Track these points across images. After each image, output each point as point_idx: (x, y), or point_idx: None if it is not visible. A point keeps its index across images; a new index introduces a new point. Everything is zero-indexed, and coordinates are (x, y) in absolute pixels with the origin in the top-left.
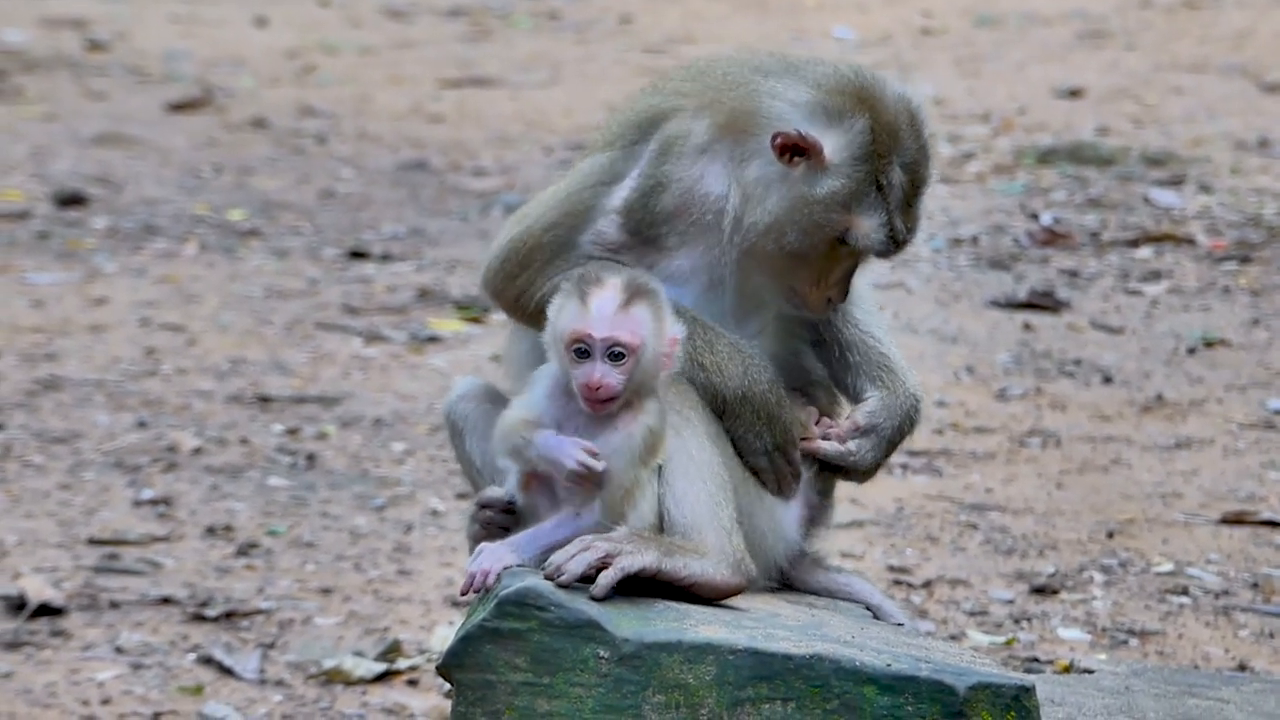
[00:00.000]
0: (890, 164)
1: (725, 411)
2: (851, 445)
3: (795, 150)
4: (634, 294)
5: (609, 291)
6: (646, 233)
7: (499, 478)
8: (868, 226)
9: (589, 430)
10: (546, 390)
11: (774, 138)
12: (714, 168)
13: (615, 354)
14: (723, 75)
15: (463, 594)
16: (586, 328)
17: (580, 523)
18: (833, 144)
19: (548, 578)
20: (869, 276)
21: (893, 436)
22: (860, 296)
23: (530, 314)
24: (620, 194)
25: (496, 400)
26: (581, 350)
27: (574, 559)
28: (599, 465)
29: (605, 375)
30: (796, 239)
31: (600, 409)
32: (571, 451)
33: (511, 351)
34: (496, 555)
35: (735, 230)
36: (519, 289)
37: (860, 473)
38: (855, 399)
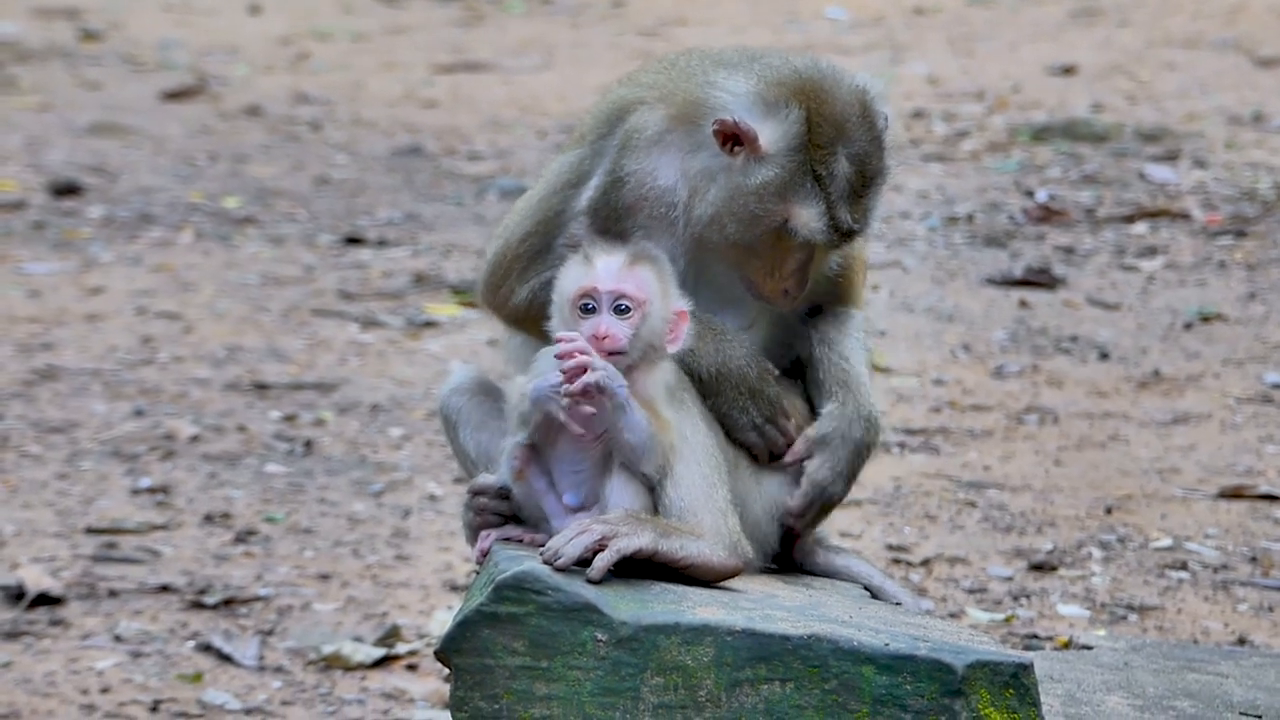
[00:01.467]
0: (831, 154)
1: (705, 390)
2: (807, 461)
3: (735, 140)
4: (639, 256)
5: (615, 253)
6: (613, 229)
7: (494, 467)
8: (806, 216)
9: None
10: (551, 365)
11: (714, 127)
12: (665, 159)
13: (621, 308)
14: (684, 67)
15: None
16: (592, 282)
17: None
18: (769, 134)
19: (545, 562)
20: (860, 311)
21: (847, 451)
22: (841, 317)
23: (519, 319)
24: (586, 194)
25: (490, 392)
26: (588, 306)
27: (570, 542)
28: (599, 367)
29: (611, 326)
30: (737, 230)
31: (614, 360)
32: (560, 369)
33: (510, 341)
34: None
35: (685, 223)
36: (503, 298)
37: (827, 493)
38: (816, 415)
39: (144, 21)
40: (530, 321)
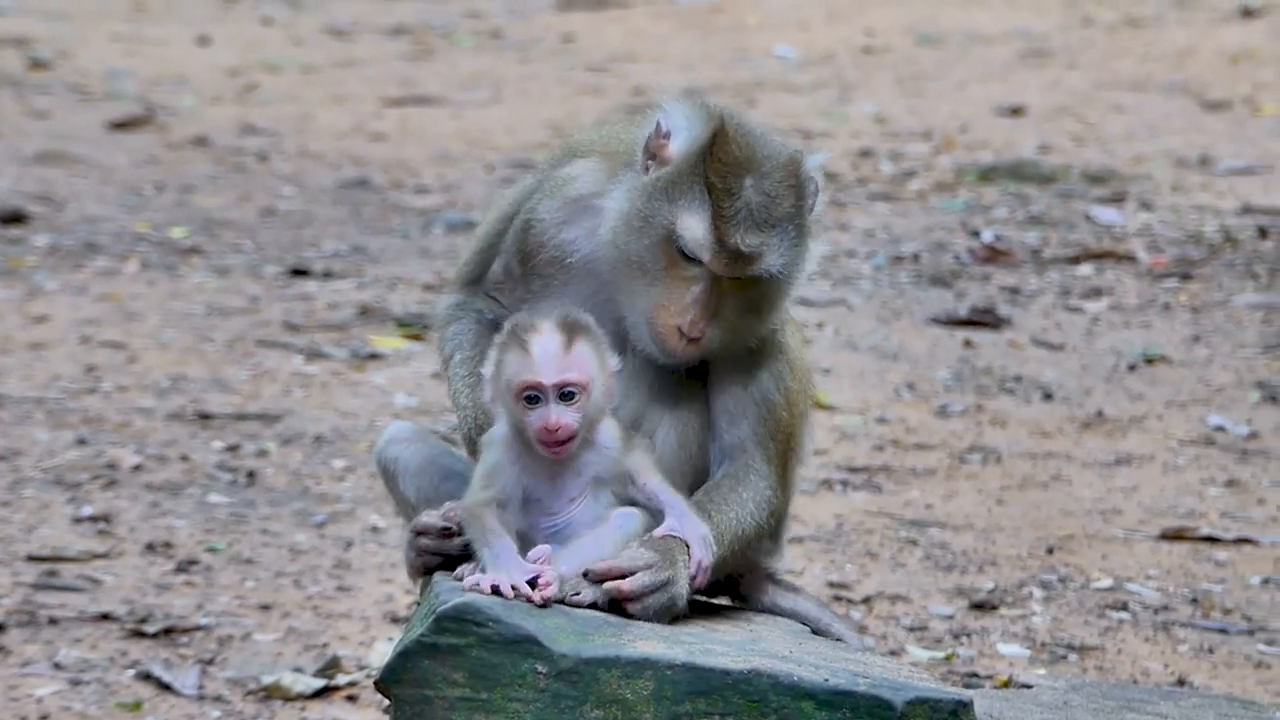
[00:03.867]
0: (731, 172)
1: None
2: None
3: (653, 156)
4: (572, 332)
5: (548, 335)
6: (530, 271)
7: (436, 507)
8: (690, 223)
9: (554, 478)
10: (501, 454)
11: (647, 137)
12: (581, 213)
13: (567, 394)
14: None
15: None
16: (535, 376)
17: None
18: (678, 141)
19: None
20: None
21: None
22: (740, 475)
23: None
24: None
25: (426, 439)
26: (532, 397)
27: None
28: (536, 597)
29: (561, 416)
30: (629, 241)
31: (560, 450)
32: (510, 577)
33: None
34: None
35: (592, 264)
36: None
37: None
38: None
39: (92, 51)
40: (439, 343)
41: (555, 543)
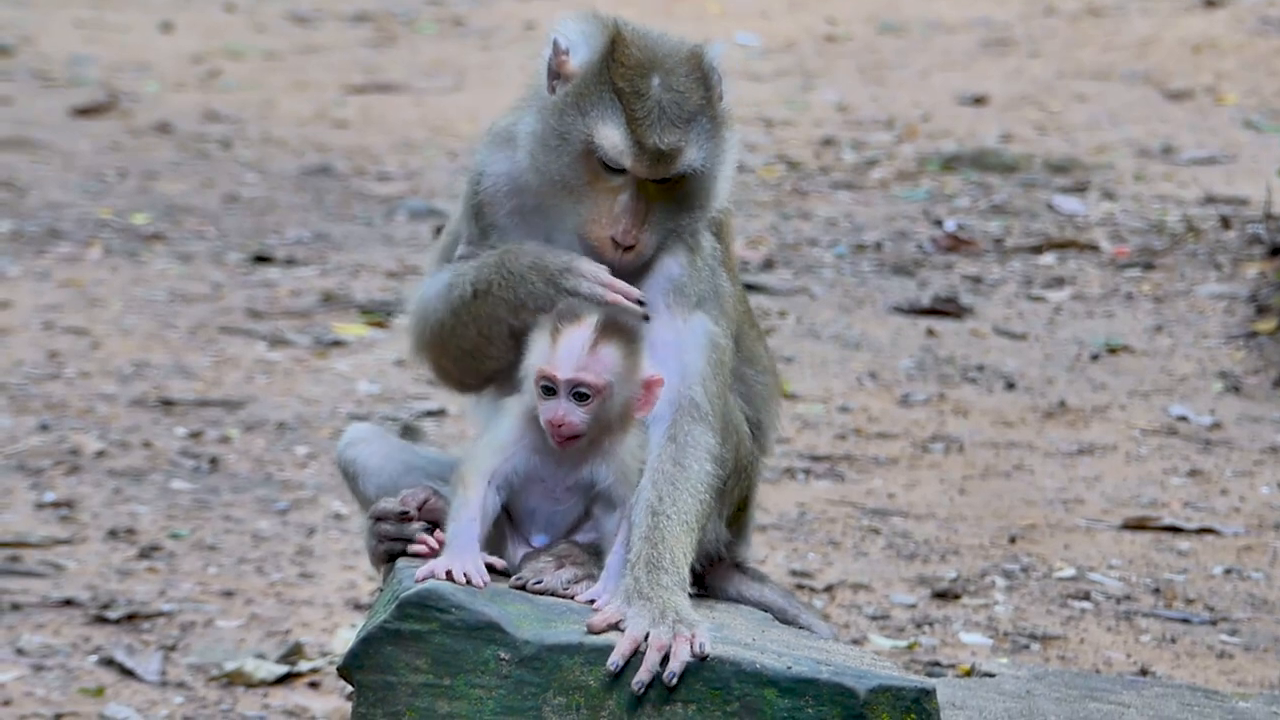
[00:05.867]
0: (636, 73)
1: (485, 296)
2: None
3: (556, 75)
4: (607, 334)
5: (580, 331)
6: (483, 225)
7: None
8: (606, 132)
9: (561, 465)
10: (516, 426)
11: (545, 57)
12: (507, 147)
13: (579, 394)
14: None
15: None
16: (552, 368)
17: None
18: (579, 55)
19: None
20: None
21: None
22: (685, 442)
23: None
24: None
25: (385, 438)
26: (548, 388)
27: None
28: (478, 581)
29: (568, 414)
30: (550, 162)
31: (565, 445)
32: (460, 565)
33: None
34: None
35: (524, 196)
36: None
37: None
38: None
39: (55, 37)
40: (416, 335)
41: (551, 529)
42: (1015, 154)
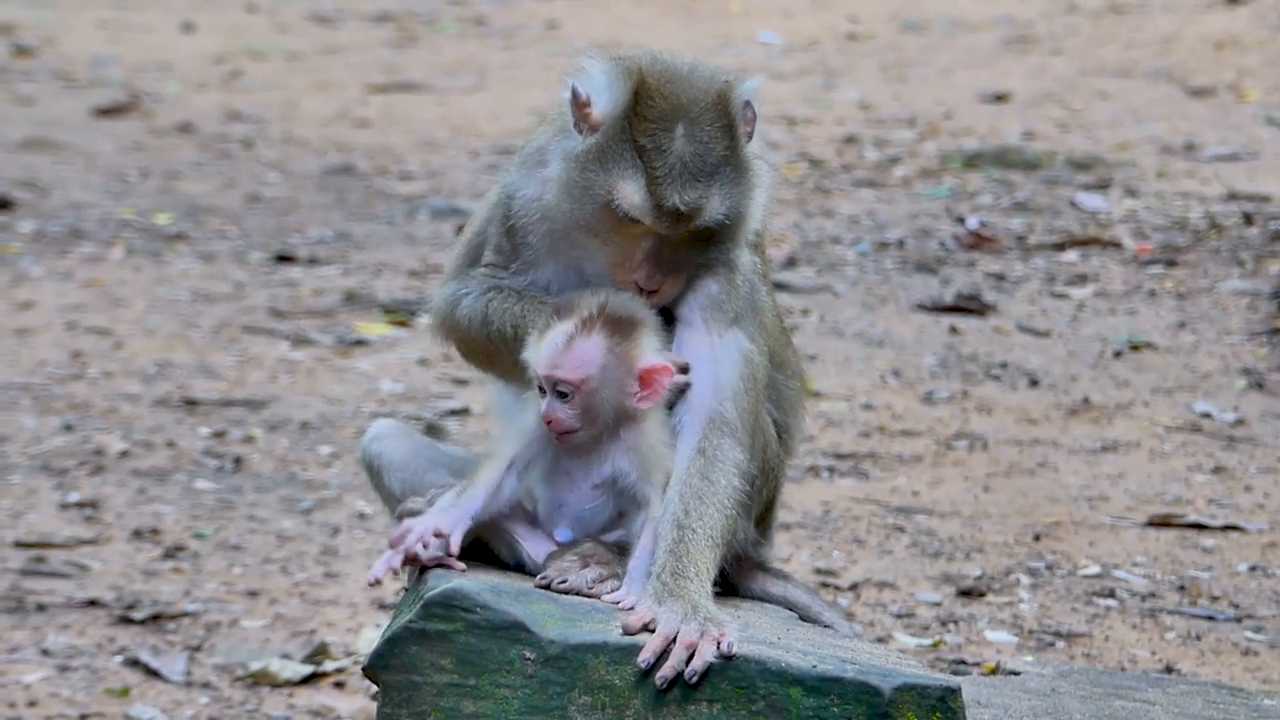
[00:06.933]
0: (659, 128)
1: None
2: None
3: (579, 123)
4: (593, 326)
5: (566, 325)
6: (515, 243)
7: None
8: (626, 190)
9: (579, 457)
10: (532, 419)
11: (566, 98)
12: (537, 170)
13: (560, 391)
14: None
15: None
16: (535, 364)
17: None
18: (602, 104)
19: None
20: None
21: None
22: (713, 456)
23: (436, 327)
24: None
25: (409, 434)
26: (540, 385)
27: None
28: (424, 557)
29: (554, 410)
30: (573, 209)
31: (563, 440)
32: (414, 535)
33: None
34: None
35: (550, 226)
36: (438, 304)
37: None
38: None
39: (78, 38)
40: (445, 330)
41: (580, 526)
42: (1038, 151)
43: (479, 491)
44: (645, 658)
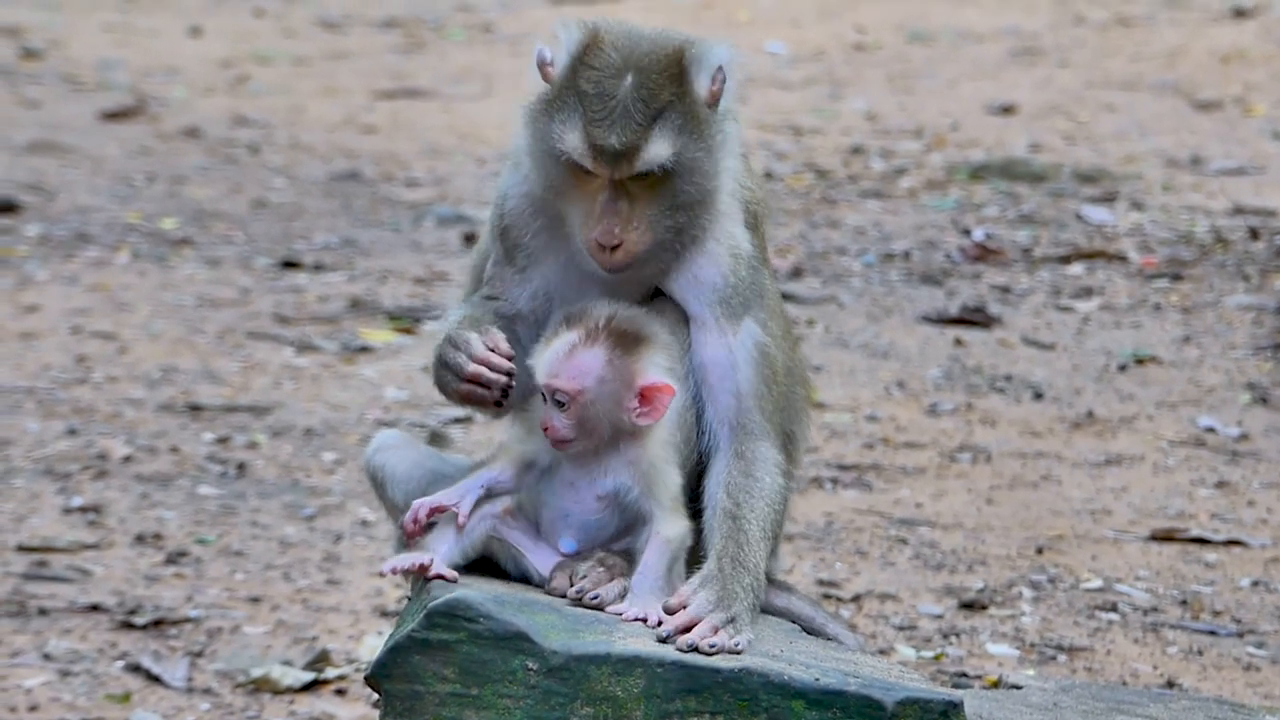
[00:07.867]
0: (602, 74)
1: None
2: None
3: (544, 80)
4: (597, 338)
5: (571, 334)
6: (509, 246)
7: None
8: (567, 135)
9: (581, 467)
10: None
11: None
12: (519, 164)
13: (558, 400)
14: None
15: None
16: (536, 371)
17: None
18: (559, 63)
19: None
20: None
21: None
22: (750, 460)
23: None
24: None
25: (413, 445)
26: (540, 392)
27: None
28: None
29: (551, 418)
30: (538, 170)
31: (559, 449)
32: (419, 508)
33: None
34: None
35: (541, 207)
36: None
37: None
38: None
39: (84, 41)
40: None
41: (584, 537)
42: (1044, 164)
43: (480, 485)
44: (667, 628)
